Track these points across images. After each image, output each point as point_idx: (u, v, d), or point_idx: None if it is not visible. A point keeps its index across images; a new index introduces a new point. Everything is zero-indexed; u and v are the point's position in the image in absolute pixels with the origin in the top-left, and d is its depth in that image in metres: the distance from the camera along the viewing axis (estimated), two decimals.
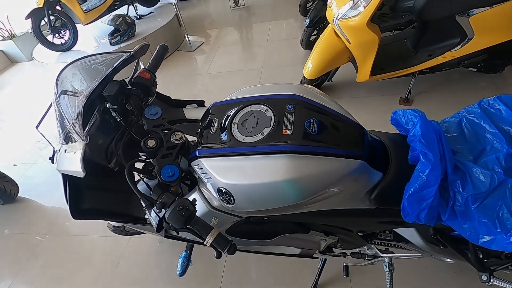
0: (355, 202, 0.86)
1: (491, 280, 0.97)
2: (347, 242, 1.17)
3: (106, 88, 0.89)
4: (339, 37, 2.27)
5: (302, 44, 3.33)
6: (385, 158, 0.87)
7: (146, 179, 1.15)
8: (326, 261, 1.50)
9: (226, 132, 0.83)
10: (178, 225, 0.69)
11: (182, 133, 0.89)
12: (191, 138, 0.97)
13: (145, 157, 0.92)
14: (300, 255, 1.19)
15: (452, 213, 0.77)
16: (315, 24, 3.01)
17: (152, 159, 0.84)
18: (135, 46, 1.00)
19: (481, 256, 1.01)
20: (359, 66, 2.31)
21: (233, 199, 0.78)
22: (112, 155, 0.97)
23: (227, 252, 0.69)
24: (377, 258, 1.24)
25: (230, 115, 0.86)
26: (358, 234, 1.10)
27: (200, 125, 0.96)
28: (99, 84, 0.89)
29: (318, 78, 2.53)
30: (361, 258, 1.27)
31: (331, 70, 2.56)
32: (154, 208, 0.74)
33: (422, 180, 0.75)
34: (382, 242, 1.18)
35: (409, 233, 1.05)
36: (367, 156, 0.78)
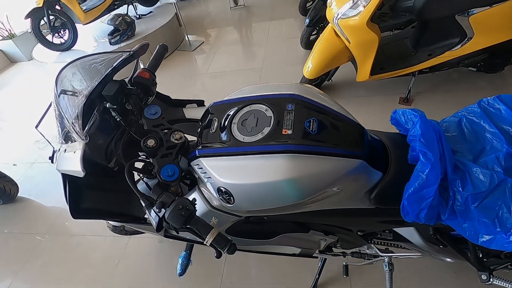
0: (355, 201, 0.86)
1: (491, 279, 0.97)
2: (347, 241, 1.17)
3: (106, 87, 0.89)
4: (339, 36, 2.27)
5: (302, 43, 3.32)
6: (384, 157, 0.87)
7: (146, 179, 1.14)
8: (326, 260, 1.50)
9: (226, 131, 0.83)
10: (178, 224, 0.69)
11: (182, 132, 0.89)
12: (191, 137, 0.97)
13: (144, 156, 0.92)
14: (300, 255, 1.19)
15: (451, 212, 0.77)
16: (315, 23, 3.00)
17: (152, 159, 0.84)
18: (135, 46, 1.00)
19: (480, 255, 1.02)
20: (359, 66, 2.31)
21: (233, 199, 0.79)
22: (112, 155, 0.97)
23: (227, 251, 0.69)
24: (377, 257, 1.24)
25: (230, 115, 0.86)
26: (358, 233, 1.10)
27: (199, 124, 0.96)
28: (99, 83, 0.89)
29: (318, 78, 2.52)
30: (361, 257, 1.27)
31: (331, 69, 2.55)
32: (154, 207, 0.74)
33: (422, 179, 0.75)
34: (382, 242, 1.18)
35: (408, 232, 1.06)
36: (367, 155, 0.78)
